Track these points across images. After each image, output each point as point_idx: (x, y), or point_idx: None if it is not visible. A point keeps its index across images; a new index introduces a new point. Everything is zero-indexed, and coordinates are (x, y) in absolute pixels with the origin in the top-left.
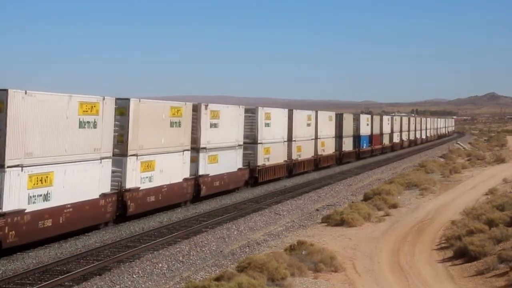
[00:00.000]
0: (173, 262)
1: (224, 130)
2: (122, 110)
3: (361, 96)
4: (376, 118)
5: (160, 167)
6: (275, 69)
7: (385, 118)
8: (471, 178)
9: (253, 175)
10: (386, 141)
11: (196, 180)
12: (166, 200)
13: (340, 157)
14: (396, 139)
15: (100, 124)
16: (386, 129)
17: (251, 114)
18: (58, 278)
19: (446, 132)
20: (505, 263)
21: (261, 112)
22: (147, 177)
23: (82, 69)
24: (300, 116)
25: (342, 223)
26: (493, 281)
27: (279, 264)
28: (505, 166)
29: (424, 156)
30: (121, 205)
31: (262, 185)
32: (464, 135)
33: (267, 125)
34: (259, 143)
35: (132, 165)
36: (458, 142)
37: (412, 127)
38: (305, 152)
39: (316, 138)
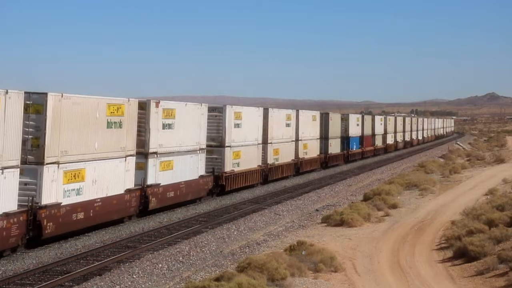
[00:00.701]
0: (173, 262)
1: (182, 131)
2: (38, 107)
3: (361, 96)
4: (368, 118)
5: (93, 176)
6: (275, 69)
7: (378, 118)
8: (470, 178)
9: (219, 183)
10: (378, 142)
11: (143, 191)
12: (100, 216)
13: (325, 161)
14: (390, 140)
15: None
16: (379, 129)
17: (217, 114)
18: (58, 278)
19: (444, 133)
20: (505, 263)
21: (230, 111)
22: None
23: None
24: (278, 115)
25: (342, 223)
26: (493, 281)
27: (279, 264)
28: (505, 166)
29: (424, 157)
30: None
31: (231, 194)
32: (464, 135)
33: (237, 125)
34: (227, 146)
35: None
36: (458, 142)
37: (407, 127)
38: (284, 156)
39: (297, 140)
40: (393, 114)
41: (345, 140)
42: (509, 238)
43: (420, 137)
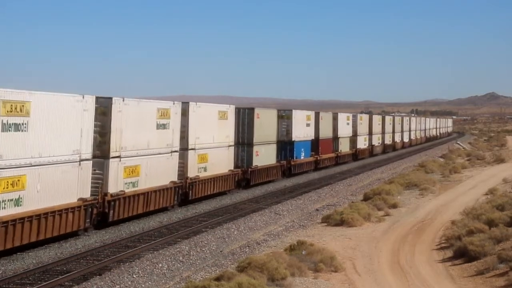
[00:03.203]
0: (173, 262)
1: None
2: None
3: (361, 96)
4: (326, 117)
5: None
6: (275, 69)
7: (342, 116)
8: (471, 178)
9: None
10: (344, 147)
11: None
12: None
13: (242, 178)
14: (362, 144)
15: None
16: (345, 131)
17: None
18: (58, 278)
19: (438, 134)
20: (505, 263)
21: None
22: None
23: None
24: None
25: (342, 223)
26: (493, 281)
27: (279, 264)
28: (505, 166)
29: (424, 156)
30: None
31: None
32: (464, 135)
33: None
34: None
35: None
36: (458, 142)
37: (388, 128)
38: (154, 175)
39: (186, 149)
40: (392, 114)
41: (286, 145)
42: (509, 238)
43: (406, 139)
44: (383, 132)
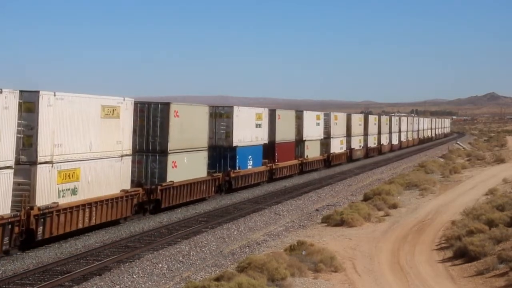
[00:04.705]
0: (173, 262)
1: None
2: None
3: (361, 96)
4: (286, 116)
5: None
6: (275, 69)
7: (309, 115)
8: (471, 178)
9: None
10: (312, 152)
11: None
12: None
13: (147, 200)
14: (337, 148)
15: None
16: (314, 132)
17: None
18: (58, 278)
19: (433, 135)
20: (505, 263)
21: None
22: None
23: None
24: None
25: (342, 223)
26: (493, 281)
27: (279, 264)
28: (505, 166)
29: (424, 157)
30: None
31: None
32: (464, 135)
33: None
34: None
35: None
36: (458, 142)
37: (372, 129)
38: None
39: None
40: (392, 114)
41: (225, 152)
42: (509, 238)
43: (395, 142)
44: (365, 134)
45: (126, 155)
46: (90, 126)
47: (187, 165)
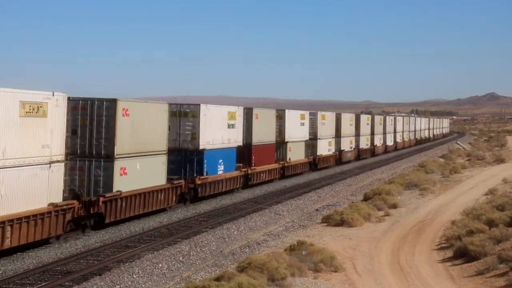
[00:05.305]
0: (173, 262)
1: None
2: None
3: (361, 96)
4: (264, 115)
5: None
6: (275, 69)
7: (292, 114)
8: (471, 178)
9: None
10: (295, 155)
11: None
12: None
13: (86, 215)
14: (324, 150)
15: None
16: (297, 133)
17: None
18: (58, 278)
19: (431, 136)
20: (505, 263)
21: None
22: None
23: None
24: None
25: (342, 223)
26: (493, 281)
27: (279, 264)
28: (505, 166)
29: (424, 157)
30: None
31: None
32: (464, 135)
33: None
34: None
35: None
36: (458, 142)
37: (365, 129)
38: None
39: None
40: (393, 114)
41: (191, 156)
42: (509, 238)
43: (390, 143)
44: (357, 135)
45: (57, 161)
46: (3, 127)
47: (140, 172)
